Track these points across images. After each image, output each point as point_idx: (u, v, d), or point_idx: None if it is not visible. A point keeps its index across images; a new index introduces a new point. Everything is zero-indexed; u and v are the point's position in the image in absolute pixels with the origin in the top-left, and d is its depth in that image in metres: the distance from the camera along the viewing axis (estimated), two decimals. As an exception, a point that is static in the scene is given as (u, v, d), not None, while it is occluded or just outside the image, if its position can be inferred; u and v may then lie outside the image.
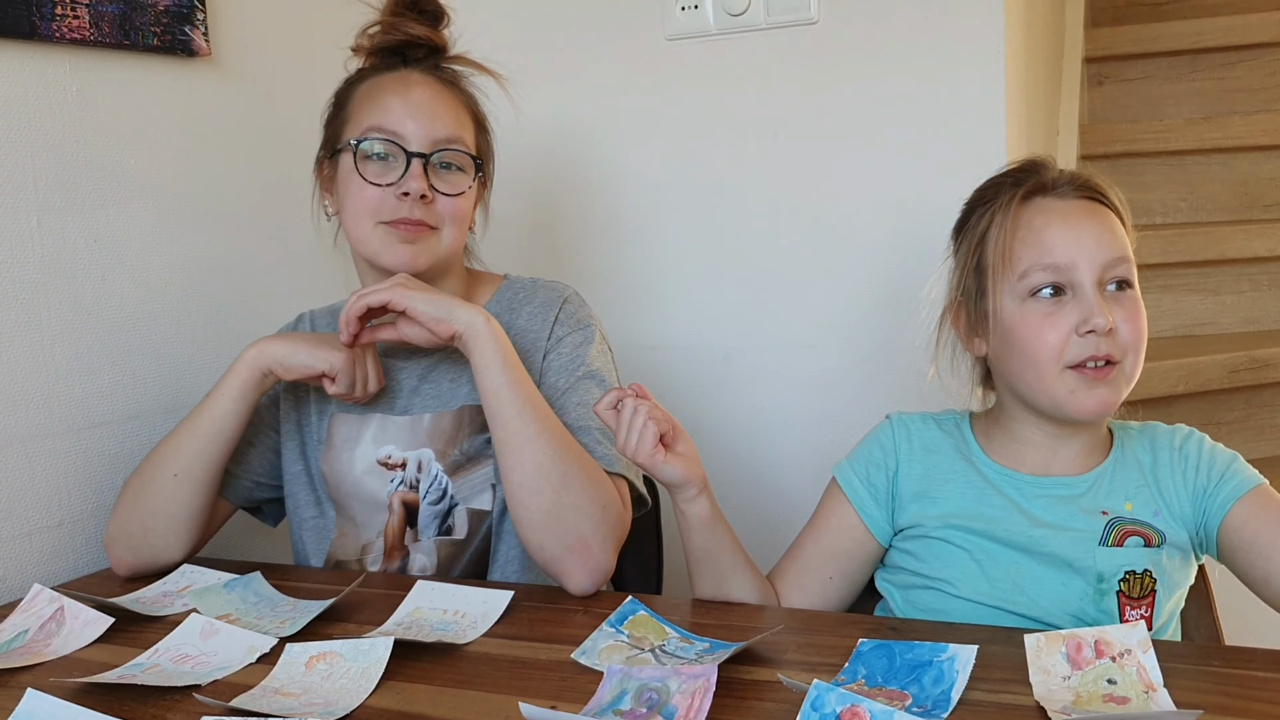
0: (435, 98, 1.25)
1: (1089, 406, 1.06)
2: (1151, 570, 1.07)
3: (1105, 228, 1.09)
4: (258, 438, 1.34)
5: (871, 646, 0.93)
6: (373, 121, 1.22)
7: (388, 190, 1.21)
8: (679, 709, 0.83)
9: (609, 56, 1.80)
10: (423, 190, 1.20)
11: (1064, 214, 1.10)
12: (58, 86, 1.34)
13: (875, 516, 1.17)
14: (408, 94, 1.23)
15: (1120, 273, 1.08)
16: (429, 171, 1.22)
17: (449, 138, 1.24)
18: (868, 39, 1.64)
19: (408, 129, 1.22)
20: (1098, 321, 1.04)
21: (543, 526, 1.14)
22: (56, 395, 1.34)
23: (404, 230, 1.21)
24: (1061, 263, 1.07)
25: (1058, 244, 1.08)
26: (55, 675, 0.97)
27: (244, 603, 1.14)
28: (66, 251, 1.35)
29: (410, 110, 1.22)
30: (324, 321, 1.39)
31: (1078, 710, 0.81)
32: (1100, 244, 1.07)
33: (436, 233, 1.24)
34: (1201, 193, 2.60)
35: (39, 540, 1.32)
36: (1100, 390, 1.06)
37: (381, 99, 1.23)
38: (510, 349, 1.18)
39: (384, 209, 1.21)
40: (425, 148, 1.22)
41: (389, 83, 1.25)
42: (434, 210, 1.23)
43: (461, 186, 1.25)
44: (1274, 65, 2.69)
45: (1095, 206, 1.11)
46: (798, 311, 1.74)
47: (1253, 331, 2.37)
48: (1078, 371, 1.06)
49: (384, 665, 0.94)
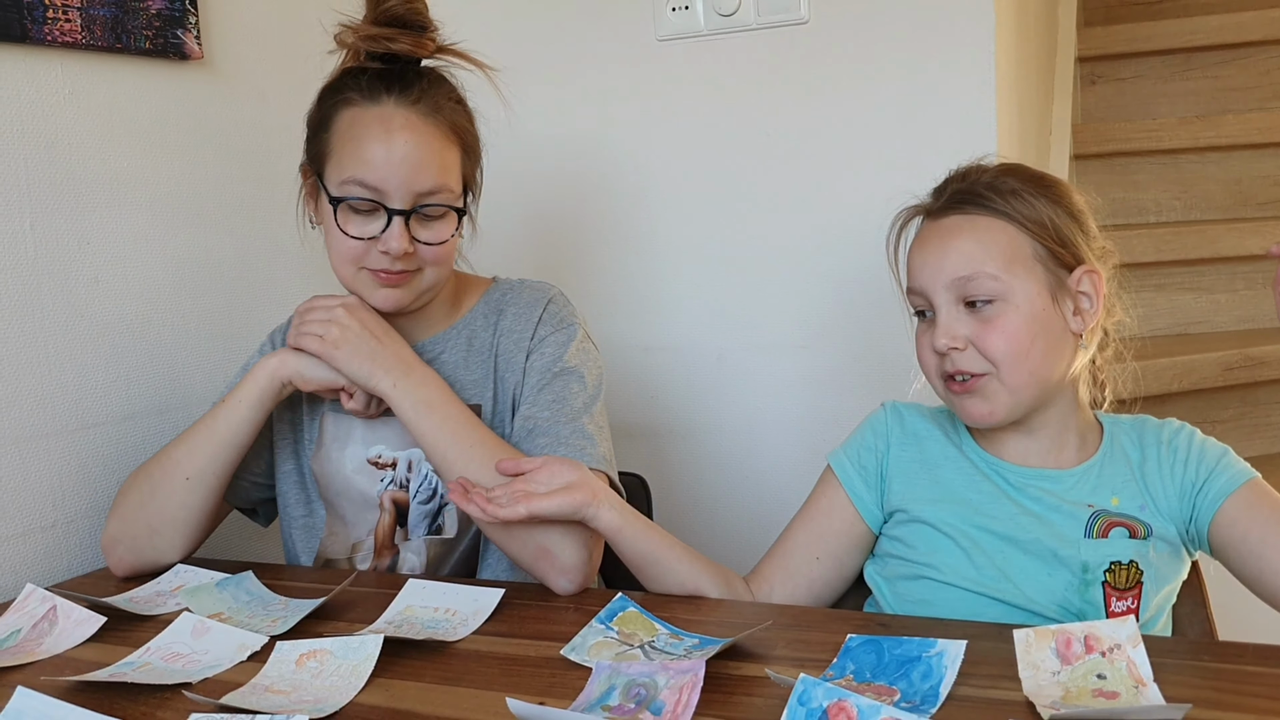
0: (419, 144, 1.18)
1: (968, 416, 1.12)
2: (1138, 562, 1.07)
3: (956, 247, 1.10)
4: (255, 438, 1.34)
5: (860, 642, 0.93)
6: (353, 173, 1.17)
7: (370, 243, 1.19)
8: (667, 704, 0.83)
9: (600, 58, 1.80)
10: (404, 249, 1.18)
11: (924, 238, 1.16)
12: (50, 89, 1.34)
13: (864, 498, 1.18)
14: (390, 142, 1.17)
15: (971, 290, 1.09)
16: (411, 223, 1.19)
17: (432, 189, 1.19)
18: (858, 39, 1.64)
19: (390, 185, 1.17)
20: (939, 343, 1.10)
21: (504, 542, 1.17)
22: (50, 396, 1.34)
23: (385, 278, 1.21)
24: (917, 286, 1.14)
25: (914, 268, 1.14)
26: (46, 674, 0.98)
27: (236, 601, 1.14)
28: (60, 253, 1.35)
29: (393, 164, 1.17)
30: None
31: (1067, 705, 0.81)
32: (946, 265, 1.10)
33: (420, 273, 1.23)
34: (1195, 191, 2.61)
35: (33, 541, 1.32)
36: (969, 401, 1.11)
37: (362, 148, 1.17)
38: (428, 393, 1.20)
39: (367, 259, 1.21)
40: (407, 203, 1.18)
41: (371, 124, 1.18)
42: (416, 258, 1.21)
43: (445, 235, 1.22)
44: (1267, 64, 2.69)
45: (964, 221, 1.12)
46: (790, 312, 1.74)
47: (1247, 330, 2.37)
48: (947, 386, 1.13)
49: (374, 662, 0.94)
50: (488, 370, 1.29)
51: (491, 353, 1.29)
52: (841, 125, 1.67)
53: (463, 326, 1.32)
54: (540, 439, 1.21)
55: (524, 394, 1.26)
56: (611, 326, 1.83)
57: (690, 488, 1.83)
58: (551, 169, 1.87)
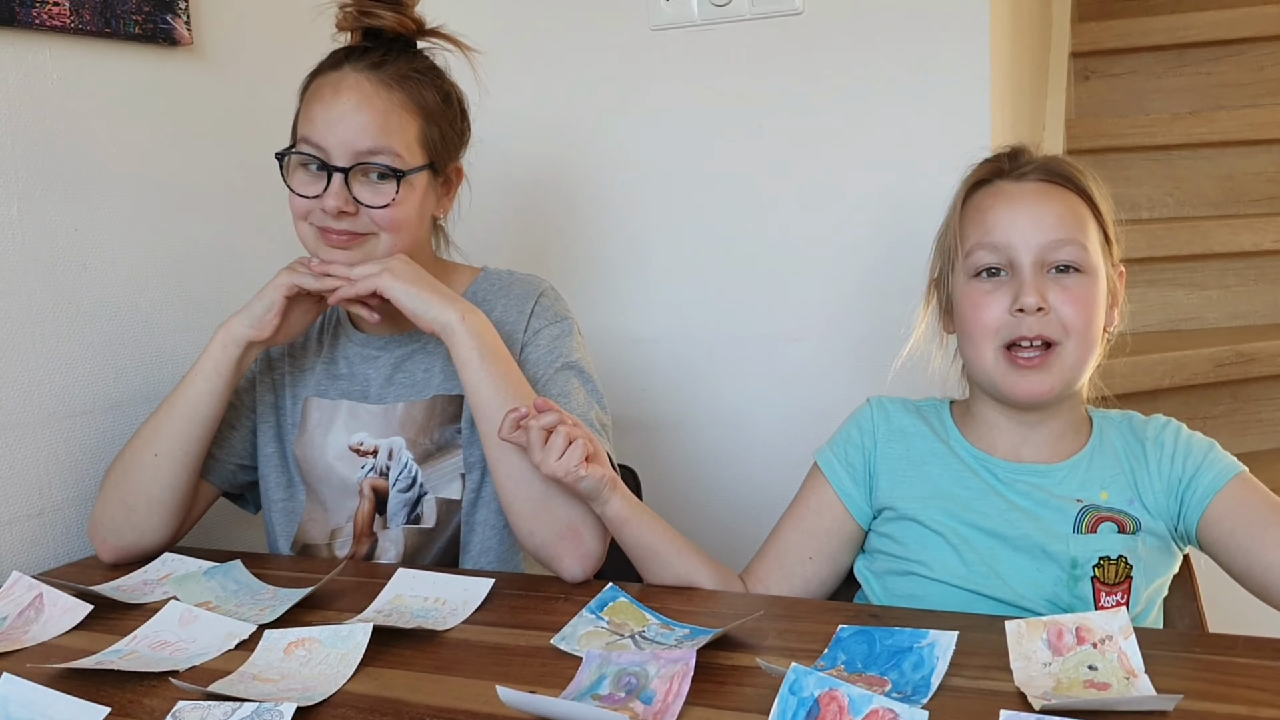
0: (360, 103, 1.19)
1: (1022, 389, 1.08)
2: (1127, 556, 1.07)
3: (1053, 210, 1.09)
4: (239, 420, 1.34)
5: (851, 632, 0.93)
6: (303, 131, 1.21)
7: (314, 201, 1.21)
8: (657, 693, 0.82)
9: (593, 46, 1.80)
10: (339, 206, 1.19)
11: (1011, 196, 1.12)
12: (38, 74, 1.33)
13: (853, 496, 1.18)
14: (334, 102, 1.19)
15: (1062, 255, 1.08)
16: (353, 184, 1.19)
17: (372, 149, 1.19)
18: (852, 30, 1.64)
19: (329, 142, 1.19)
20: (1026, 300, 1.06)
21: (532, 515, 1.15)
22: (37, 383, 1.33)
23: (332, 238, 1.21)
24: (1000, 242, 1.09)
25: (998, 224, 1.10)
26: (33, 661, 0.97)
27: (224, 590, 1.14)
28: (47, 239, 1.34)
29: (331, 123, 1.19)
30: None
31: (1059, 696, 0.81)
32: (1041, 225, 1.08)
33: (374, 237, 1.22)
34: (1187, 187, 2.61)
35: (19, 529, 1.31)
36: (1032, 376, 1.08)
37: (311, 108, 1.21)
38: (492, 339, 1.18)
39: (312, 216, 1.22)
40: (345, 161, 1.19)
41: (323, 89, 1.21)
42: (361, 220, 1.21)
43: (388, 197, 1.21)
44: (1260, 60, 2.69)
45: (1052, 189, 1.11)
46: (783, 303, 1.74)
47: (1238, 326, 2.37)
48: (1009, 357, 1.09)
49: (363, 651, 0.94)
50: None
51: None
52: (834, 117, 1.67)
53: None
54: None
55: None
56: (603, 317, 1.83)
57: (681, 480, 1.83)
58: (542, 157, 1.86)
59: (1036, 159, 1.14)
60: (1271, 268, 2.36)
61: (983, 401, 1.16)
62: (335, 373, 1.32)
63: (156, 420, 1.25)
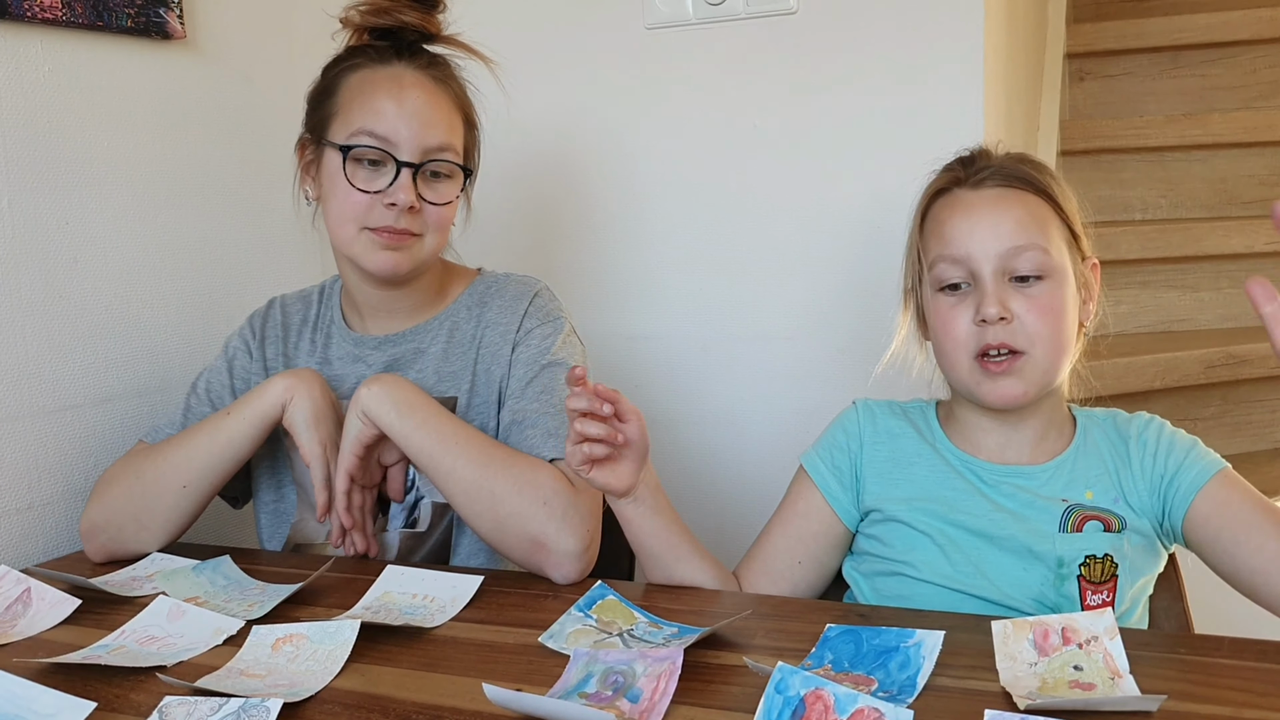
0: (429, 102, 1.21)
1: (995, 395, 1.08)
2: (1112, 555, 1.07)
3: (1011, 216, 1.08)
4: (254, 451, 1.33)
5: (838, 632, 0.93)
6: (364, 124, 1.19)
7: (375, 197, 1.19)
8: (644, 691, 0.82)
9: (588, 45, 1.79)
10: (411, 201, 1.18)
11: (969, 206, 1.11)
12: (29, 66, 1.33)
13: (841, 500, 1.18)
14: (402, 97, 1.19)
15: (1023, 262, 1.07)
16: (418, 180, 1.20)
17: (440, 146, 1.21)
18: (846, 31, 1.64)
19: (400, 136, 1.18)
20: (988, 311, 1.06)
21: (495, 541, 1.16)
22: (27, 377, 1.33)
23: (388, 238, 1.20)
24: (960, 255, 1.09)
25: (956, 236, 1.09)
26: (19, 655, 0.97)
27: (213, 585, 1.13)
28: (39, 233, 1.34)
29: (404, 117, 1.19)
30: (295, 308, 1.38)
31: (1044, 696, 0.81)
32: (999, 233, 1.08)
33: (420, 239, 1.22)
34: (1181, 189, 2.61)
35: (8, 523, 1.31)
36: (1005, 382, 1.07)
37: (374, 100, 1.19)
38: (406, 392, 1.18)
39: (370, 216, 1.20)
40: (416, 157, 1.19)
41: (382, 82, 1.20)
42: (420, 219, 1.21)
43: (449, 196, 1.23)
44: (1254, 63, 2.70)
45: (1010, 194, 1.10)
46: (775, 302, 1.74)
47: (1230, 328, 2.38)
48: (981, 364, 1.08)
49: (350, 648, 0.94)
50: (468, 362, 1.28)
51: (474, 345, 1.28)
52: (829, 117, 1.67)
53: (445, 317, 1.31)
54: (528, 430, 1.20)
55: (510, 388, 1.25)
56: (596, 315, 1.83)
57: (674, 477, 1.83)
58: (537, 155, 1.86)
59: (994, 162, 1.13)
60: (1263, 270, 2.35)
61: (964, 404, 1.16)
62: (328, 373, 1.31)
63: (189, 451, 1.23)
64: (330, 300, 1.37)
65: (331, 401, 1.24)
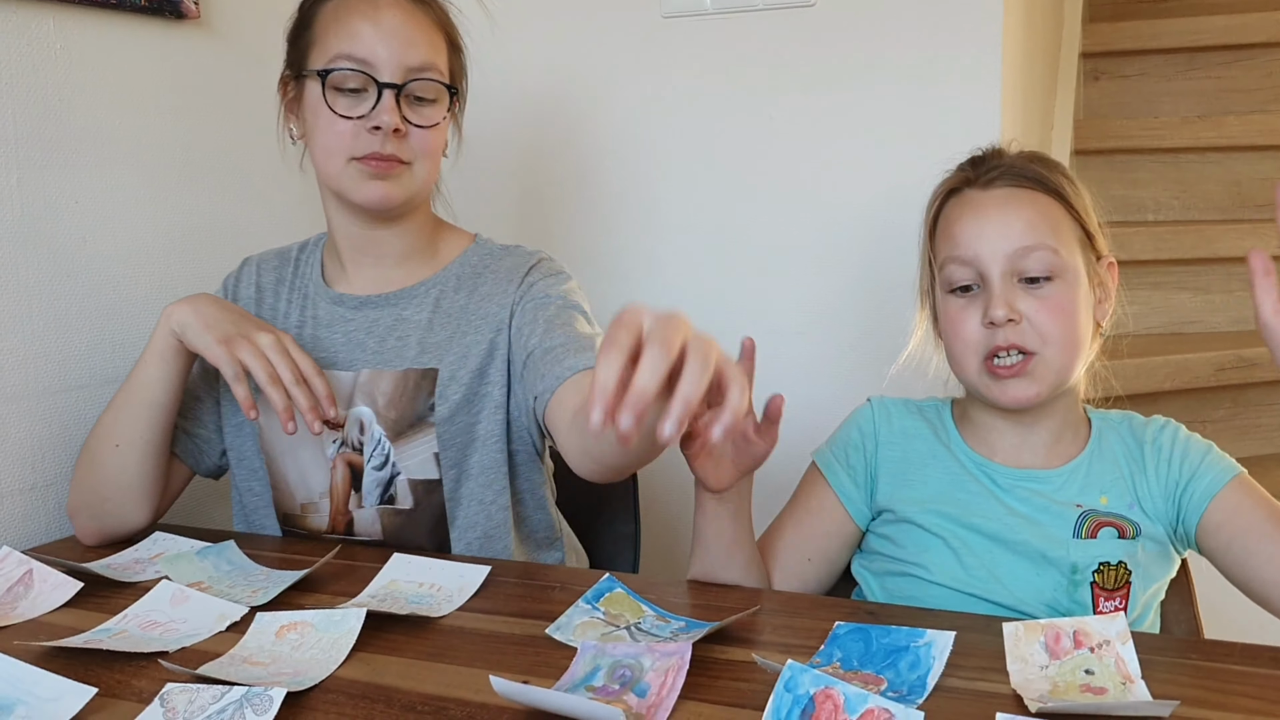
0: (407, 20, 1.16)
1: (1007, 397, 1.07)
2: (1126, 562, 1.06)
3: (1021, 216, 1.07)
4: (205, 391, 1.31)
5: (848, 630, 0.93)
6: (341, 48, 1.15)
7: (358, 123, 1.16)
8: (652, 686, 0.82)
9: (605, 32, 1.78)
10: (395, 124, 1.15)
11: (978, 206, 1.10)
12: (41, 44, 1.32)
13: (853, 498, 1.17)
14: (378, 17, 1.15)
15: (1032, 263, 1.06)
16: (401, 103, 1.16)
17: (422, 65, 1.17)
18: (863, 25, 1.62)
19: (379, 57, 1.15)
20: (996, 313, 1.05)
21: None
22: (33, 357, 1.32)
23: (375, 166, 1.17)
24: (968, 256, 1.08)
25: (965, 237, 1.09)
26: (20, 638, 0.96)
27: (217, 570, 1.13)
28: (47, 211, 1.33)
29: (382, 36, 1.15)
30: (270, 265, 1.35)
31: (1054, 699, 0.80)
32: (1008, 234, 1.06)
33: (409, 167, 1.19)
34: (1194, 191, 2.60)
35: (11, 503, 1.30)
36: (1015, 384, 1.07)
37: (350, 22, 1.15)
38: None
39: (356, 145, 1.16)
40: (398, 77, 1.15)
41: (358, 4, 1.16)
42: (407, 144, 1.18)
43: (435, 118, 1.19)
44: (1271, 66, 2.69)
45: (1020, 194, 1.09)
46: (787, 297, 1.73)
47: (1241, 331, 2.37)
48: (990, 367, 1.07)
49: (355, 636, 0.93)
50: (451, 333, 1.24)
51: (461, 316, 1.25)
52: (844, 111, 1.66)
53: (434, 284, 1.27)
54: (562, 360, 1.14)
55: (528, 333, 1.20)
56: (606, 305, 1.80)
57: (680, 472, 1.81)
58: (551, 143, 1.85)
59: (1004, 162, 1.12)
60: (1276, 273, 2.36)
61: (978, 404, 1.15)
62: (306, 335, 1.27)
63: (113, 411, 1.21)
64: (311, 257, 1.34)
65: (225, 305, 1.20)
